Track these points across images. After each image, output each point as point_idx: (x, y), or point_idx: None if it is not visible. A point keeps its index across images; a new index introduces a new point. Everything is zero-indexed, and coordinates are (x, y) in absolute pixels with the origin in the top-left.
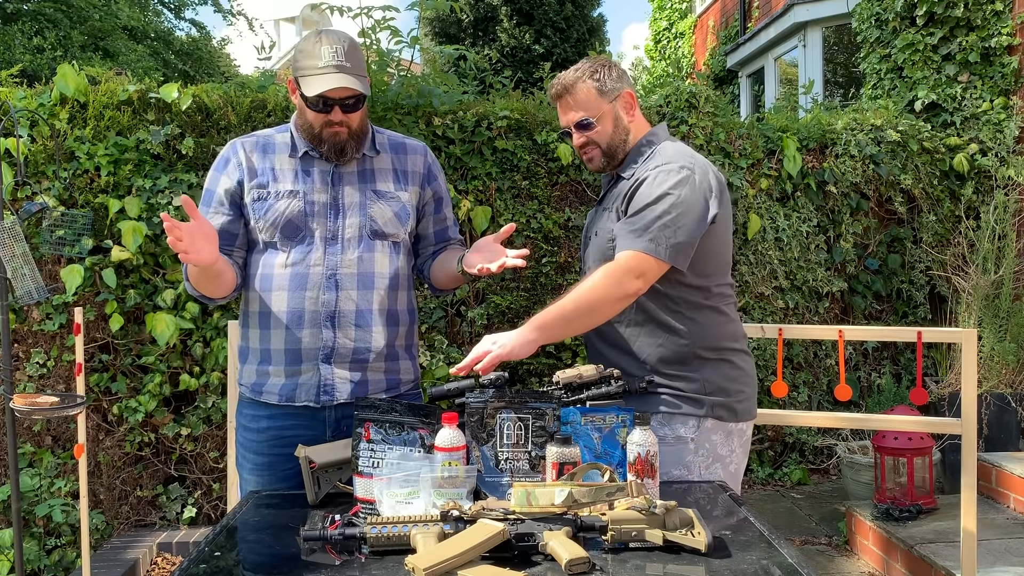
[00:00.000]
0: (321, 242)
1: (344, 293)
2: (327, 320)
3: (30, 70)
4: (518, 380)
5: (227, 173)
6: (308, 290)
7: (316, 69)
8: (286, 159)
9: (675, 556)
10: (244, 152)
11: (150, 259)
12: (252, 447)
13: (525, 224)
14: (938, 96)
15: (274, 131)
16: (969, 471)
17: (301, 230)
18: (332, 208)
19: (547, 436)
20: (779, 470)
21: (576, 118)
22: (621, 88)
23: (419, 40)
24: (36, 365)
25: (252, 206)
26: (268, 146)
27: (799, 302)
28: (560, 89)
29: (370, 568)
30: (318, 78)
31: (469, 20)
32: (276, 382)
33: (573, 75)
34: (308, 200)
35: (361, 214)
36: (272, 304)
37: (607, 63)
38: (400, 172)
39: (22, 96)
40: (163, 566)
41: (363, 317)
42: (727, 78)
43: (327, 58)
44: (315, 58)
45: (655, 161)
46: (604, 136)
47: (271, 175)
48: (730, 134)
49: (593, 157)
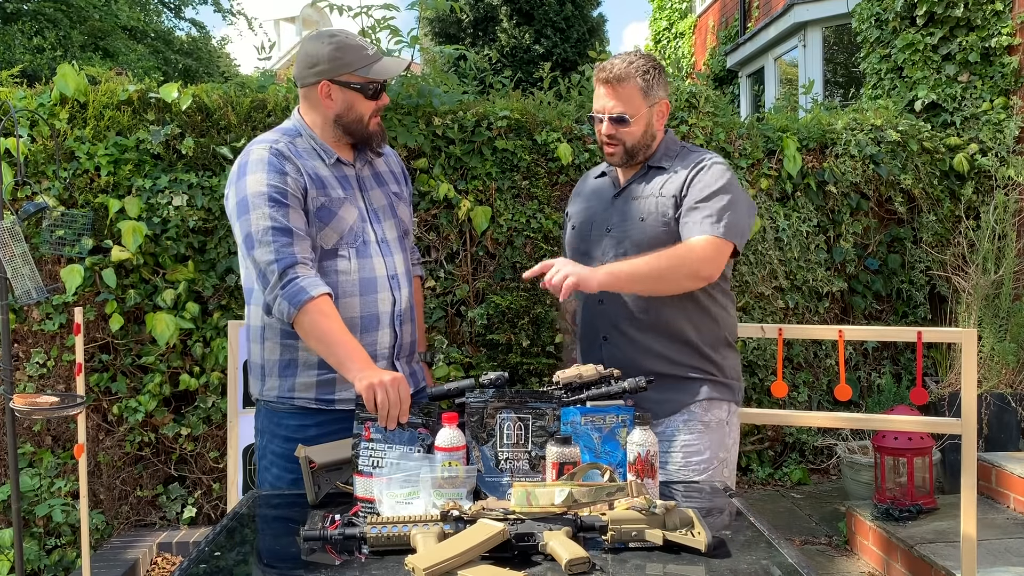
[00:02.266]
0: (377, 246)
1: (402, 292)
2: (397, 319)
3: (30, 70)
4: (518, 380)
5: (291, 175)
6: (379, 291)
7: (370, 58)
8: (322, 166)
9: (675, 556)
10: (292, 158)
11: (150, 259)
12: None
13: (525, 224)
14: (938, 96)
15: (285, 137)
16: (969, 471)
17: (360, 235)
18: (372, 212)
19: (547, 436)
20: (779, 470)
21: (615, 110)
22: (662, 96)
23: (419, 40)
24: (36, 365)
25: (316, 214)
26: (301, 153)
27: (799, 302)
28: (611, 76)
29: (370, 568)
30: (379, 64)
31: (469, 20)
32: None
33: (626, 67)
34: (358, 206)
35: (393, 216)
36: (342, 311)
37: (659, 66)
38: (395, 173)
39: (22, 96)
40: (163, 566)
41: (411, 312)
42: (727, 78)
43: (371, 49)
44: (362, 51)
45: (701, 154)
46: (632, 137)
47: (321, 182)
48: (730, 134)
49: (615, 152)
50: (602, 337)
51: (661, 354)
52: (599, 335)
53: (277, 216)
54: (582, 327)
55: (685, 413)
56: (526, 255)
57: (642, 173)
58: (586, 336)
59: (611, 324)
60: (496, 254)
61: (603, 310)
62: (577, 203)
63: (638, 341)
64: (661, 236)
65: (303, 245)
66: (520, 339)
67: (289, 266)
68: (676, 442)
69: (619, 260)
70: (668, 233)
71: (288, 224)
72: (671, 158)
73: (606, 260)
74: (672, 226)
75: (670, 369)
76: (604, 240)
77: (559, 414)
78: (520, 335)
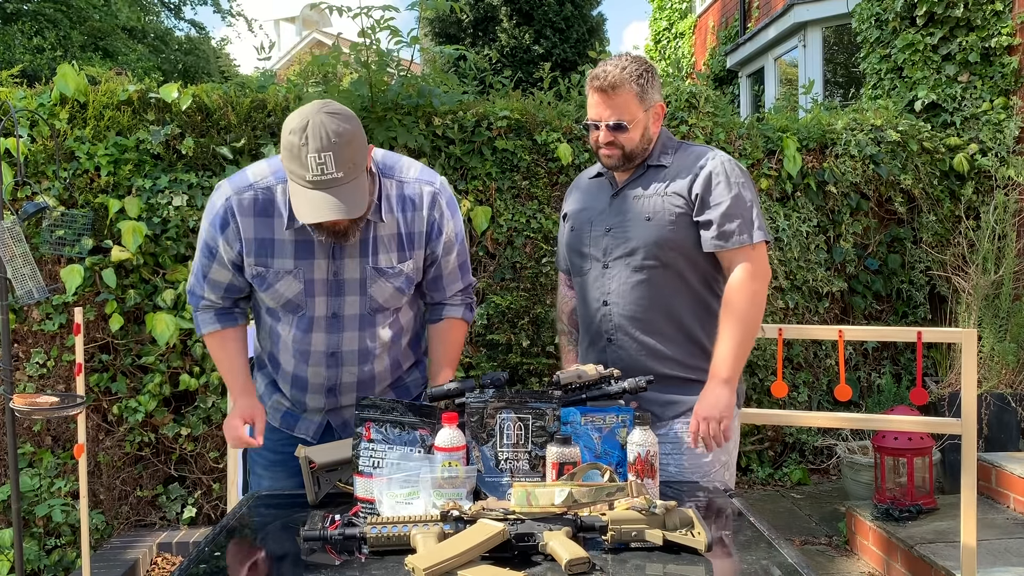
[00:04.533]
0: (322, 320)
1: (346, 369)
2: (328, 390)
3: (30, 70)
4: (518, 380)
5: (227, 239)
6: (311, 365)
7: (304, 181)
8: (283, 228)
9: (675, 556)
10: (240, 219)
11: (150, 259)
12: (267, 444)
13: (525, 224)
14: (938, 96)
15: (273, 178)
16: (969, 471)
17: (302, 308)
18: (333, 285)
19: (547, 436)
20: (779, 470)
21: (612, 118)
22: (657, 100)
23: (419, 40)
24: (36, 365)
25: (252, 280)
26: (267, 207)
27: (799, 302)
28: (605, 85)
29: (370, 568)
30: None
31: (469, 20)
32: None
33: (620, 74)
34: (307, 279)
35: (361, 293)
36: (279, 356)
37: (651, 68)
38: (406, 236)
39: (22, 96)
40: (163, 566)
41: (365, 385)
42: (727, 78)
43: (313, 170)
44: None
45: (699, 150)
46: (630, 143)
47: (270, 249)
48: (730, 134)
49: (612, 155)
50: (606, 339)
51: (668, 357)
52: (604, 337)
53: (203, 261)
54: (585, 328)
55: (689, 415)
56: (526, 255)
57: (640, 172)
58: (590, 337)
59: (616, 326)
60: (496, 254)
61: (608, 311)
62: (573, 203)
63: (644, 344)
64: (668, 235)
65: (211, 292)
66: (520, 339)
67: (192, 299)
68: (679, 444)
69: (624, 260)
70: (675, 232)
71: (207, 272)
72: (669, 154)
73: (608, 260)
74: (680, 225)
75: (676, 371)
76: (604, 240)
77: (559, 414)
78: (520, 335)
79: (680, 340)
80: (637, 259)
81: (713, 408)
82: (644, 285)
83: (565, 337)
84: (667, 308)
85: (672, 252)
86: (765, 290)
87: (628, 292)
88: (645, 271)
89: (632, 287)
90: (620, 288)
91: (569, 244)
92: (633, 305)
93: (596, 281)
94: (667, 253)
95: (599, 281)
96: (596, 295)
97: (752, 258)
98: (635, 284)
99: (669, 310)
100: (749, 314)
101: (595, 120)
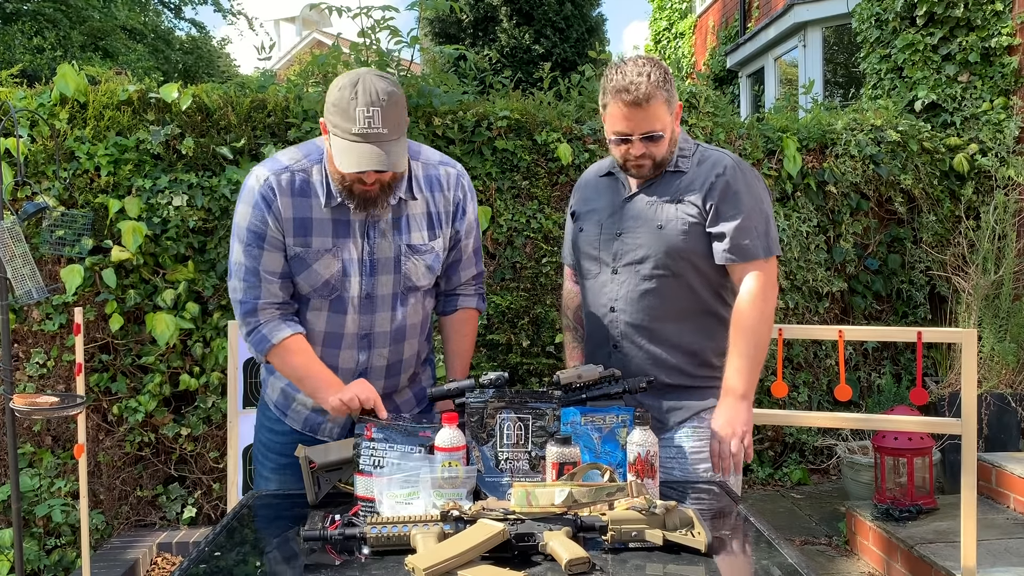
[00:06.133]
0: (356, 301)
1: (376, 351)
2: (358, 376)
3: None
4: (518, 380)
5: (275, 215)
6: (343, 349)
7: (349, 135)
8: (321, 208)
9: (675, 556)
10: (279, 199)
11: (150, 259)
12: (276, 448)
13: (525, 224)
14: (938, 96)
15: (307, 160)
16: (969, 471)
17: (337, 289)
18: (367, 265)
19: (547, 436)
20: (779, 470)
21: (648, 130)
22: (677, 100)
23: (419, 40)
24: (36, 365)
25: (291, 262)
26: (304, 188)
27: (799, 302)
28: (640, 98)
29: (370, 568)
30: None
31: (469, 20)
32: (301, 411)
33: (648, 84)
34: (344, 258)
35: (396, 271)
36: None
37: (667, 69)
38: (435, 215)
39: (22, 96)
40: (163, 566)
41: (393, 369)
42: (727, 78)
43: (360, 123)
44: (348, 119)
45: (714, 155)
46: (662, 150)
47: (309, 228)
48: (730, 134)
49: (645, 165)
50: (612, 345)
51: (674, 366)
52: (610, 343)
53: (251, 255)
54: (591, 332)
55: (694, 420)
56: (526, 255)
57: (659, 177)
58: (596, 342)
59: (623, 334)
60: (496, 254)
61: (615, 318)
62: (583, 203)
63: (651, 353)
64: (679, 244)
65: (270, 288)
66: (520, 339)
67: (249, 312)
68: (683, 449)
69: (634, 268)
70: (687, 241)
71: (258, 266)
72: (686, 158)
73: (618, 265)
74: (692, 235)
75: (681, 381)
76: (614, 244)
77: (559, 414)
78: (520, 335)
79: (687, 350)
80: (647, 267)
81: (733, 424)
82: (652, 294)
83: (570, 333)
84: (675, 318)
85: (682, 261)
86: (775, 303)
87: (636, 300)
88: (654, 280)
89: (641, 295)
90: (628, 295)
91: (581, 248)
92: (641, 313)
93: (604, 286)
94: (677, 262)
95: (608, 287)
96: (604, 300)
97: (763, 272)
98: (644, 292)
99: (677, 320)
100: (760, 329)
101: (624, 133)
